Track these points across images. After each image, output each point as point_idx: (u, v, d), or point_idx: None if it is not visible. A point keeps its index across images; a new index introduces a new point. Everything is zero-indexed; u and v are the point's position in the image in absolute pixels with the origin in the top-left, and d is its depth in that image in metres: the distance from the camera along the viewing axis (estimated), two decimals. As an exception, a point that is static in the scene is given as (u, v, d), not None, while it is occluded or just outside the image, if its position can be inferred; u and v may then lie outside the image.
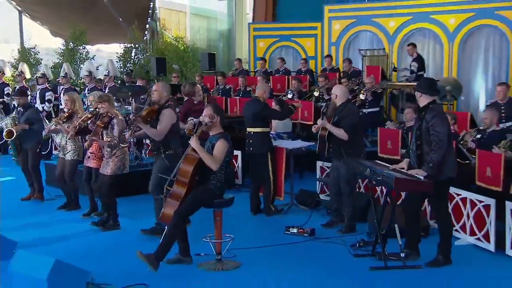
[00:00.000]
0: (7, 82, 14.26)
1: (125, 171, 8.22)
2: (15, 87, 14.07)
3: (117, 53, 17.96)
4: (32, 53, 17.75)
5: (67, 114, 8.59)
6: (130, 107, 11.71)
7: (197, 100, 9.93)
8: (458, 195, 7.55)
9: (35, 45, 18.71)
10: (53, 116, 13.16)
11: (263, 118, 8.63)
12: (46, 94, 13.38)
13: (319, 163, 9.86)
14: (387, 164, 7.45)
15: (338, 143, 7.97)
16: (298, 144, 9.65)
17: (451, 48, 14.21)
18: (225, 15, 19.40)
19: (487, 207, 7.11)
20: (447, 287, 6.36)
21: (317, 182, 9.99)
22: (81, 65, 16.54)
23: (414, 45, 13.43)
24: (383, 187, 8.06)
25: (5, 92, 14.10)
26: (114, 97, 10.29)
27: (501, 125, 9.14)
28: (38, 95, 13.47)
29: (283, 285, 6.45)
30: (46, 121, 12.77)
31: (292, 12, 17.64)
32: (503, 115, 9.46)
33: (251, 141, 8.98)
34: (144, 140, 11.21)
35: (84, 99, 12.70)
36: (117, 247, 7.70)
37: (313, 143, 9.41)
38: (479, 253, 7.19)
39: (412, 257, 6.81)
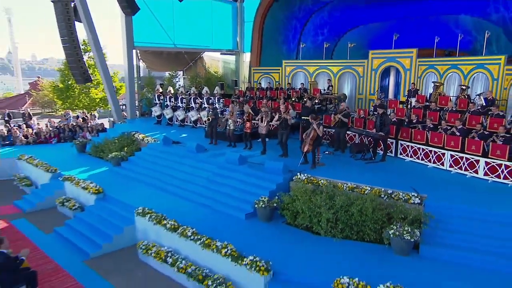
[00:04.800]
0: (159, 94, 13.74)
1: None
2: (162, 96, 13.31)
3: (187, 76, 17.13)
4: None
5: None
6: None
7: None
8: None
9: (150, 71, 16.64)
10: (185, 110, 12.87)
11: (309, 114, 8.41)
12: (210, 100, 12.75)
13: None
14: (368, 130, 8.79)
15: (342, 122, 9.02)
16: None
17: (335, 80, 14.45)
18: (233, 61, 18.93)
19: (392, 142, 8.85)
20: (387, 168, 7.82)
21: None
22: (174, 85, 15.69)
23: (329, 79, 14.49)
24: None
25: (161, 98, 13.43)
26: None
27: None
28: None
29: (344, 169, 7.57)
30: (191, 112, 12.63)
31: (268, 62, 16.78)
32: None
33: (304, 122, 9.75)
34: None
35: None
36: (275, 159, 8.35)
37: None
38: (392, 158, 8.74)
39: (375, 159, 8.34)
